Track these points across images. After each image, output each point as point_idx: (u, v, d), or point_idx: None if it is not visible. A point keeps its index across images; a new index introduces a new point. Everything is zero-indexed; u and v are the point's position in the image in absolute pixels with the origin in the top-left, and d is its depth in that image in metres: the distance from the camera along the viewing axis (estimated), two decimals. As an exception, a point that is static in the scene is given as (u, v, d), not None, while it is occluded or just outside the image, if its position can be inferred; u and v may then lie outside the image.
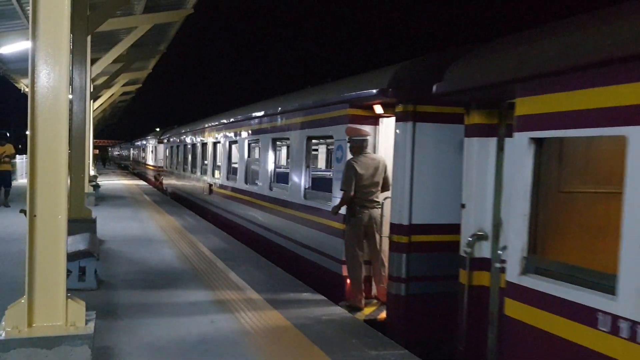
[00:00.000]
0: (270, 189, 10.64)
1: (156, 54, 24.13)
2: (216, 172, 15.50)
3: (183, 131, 21.71)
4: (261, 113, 11.37)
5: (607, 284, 3.53)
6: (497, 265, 4.76)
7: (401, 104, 6.44)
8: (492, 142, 4.99)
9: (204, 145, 17.50)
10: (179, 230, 12.69)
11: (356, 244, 7.03)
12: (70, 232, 4.78)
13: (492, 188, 4.94)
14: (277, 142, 10.78)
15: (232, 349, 5.20)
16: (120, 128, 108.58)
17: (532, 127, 4.21)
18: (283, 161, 15.86)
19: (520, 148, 4.30)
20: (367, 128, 7.28)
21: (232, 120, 13.93)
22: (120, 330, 5.56)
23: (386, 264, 6.92)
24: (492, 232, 4.96)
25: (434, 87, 5.43)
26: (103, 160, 67.77)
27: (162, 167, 28.68)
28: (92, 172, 22.89)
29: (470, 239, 5.02)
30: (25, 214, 4.32)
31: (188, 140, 20.27)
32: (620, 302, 3.38)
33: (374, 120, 7.41)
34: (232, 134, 13.77)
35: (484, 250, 5.01)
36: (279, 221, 10.00)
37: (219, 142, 15.14)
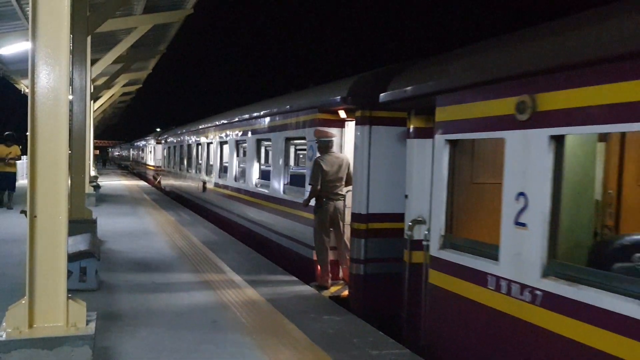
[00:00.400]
0: (255, 185, 11.65)
1: (156, 54, 24.13)
2: (209, 170, 16.52)
3: (179, 132, 22.64)
4: (247, 116, 12.30)
5: (493, 252, 4.61)
6: (425, 243, 5.76)
7: (359, 110, 7.33)
8: (429, 142, 5.89)
9: (198, 145, 18.39)
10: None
11: (323, 231, 8.02)
12: (71, 233, 4.78)
13: (429, 181, 5.85)
14: (261, 143, 11.73)
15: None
16: (120, 129, 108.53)
17: (446, 131, 5.33)
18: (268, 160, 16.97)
19: (439, 148, 5.42)
20: (333, 130, 8.30)
21: (223, 122, 14.66)
22: (121, 330, 5.56)
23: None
24: (429, 217, 5.82)
25: (380, 97, 6.53)
26: (103, 161, 67.64)
27: (160, 166, 29.66)
28: (92, 173, 22.90)
29: (410, 224, 6.05)
30: (26, 215, 4.32)
31: (183, 141, 21.22)
32: (501, 266, 4.50)
33: (341, 123, 8.42)
34: (222, 135, 14.64)
35: (422, 233, 5.93)
36: (263, 214, 11.01)
37: (211, 142, 16.07)
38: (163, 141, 28.18)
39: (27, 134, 4.24)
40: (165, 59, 25.59)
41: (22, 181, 24.83)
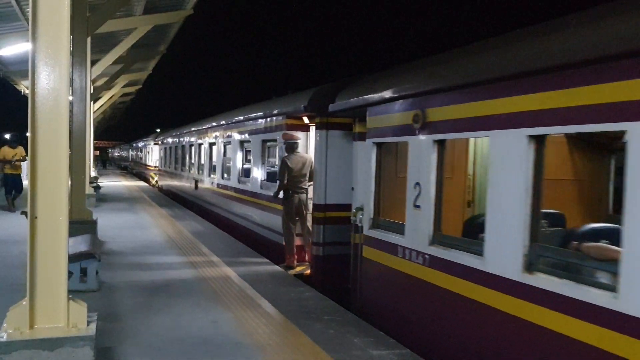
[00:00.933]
0: (239, 181, 13.07)
1: (156, 55, 24.13)
2: (200, 170, 17.92)
3: (174, 134, 23.75)
4: (232, 120, 13.84)
5: (402, 229, 6.14)
6: (360, 225, 7.15)
7: (318, 117, 8.60)
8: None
9: (190, 146, 19.80)
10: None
11: (290, 219, 9.38)
12: (71, 234, 4.78)
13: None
14: (243, 144, 13.07)
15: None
16: (120, 129, 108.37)
17: (374, 136, 6.84)
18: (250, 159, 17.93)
19: (369, 149, 6.92)
20: (299, 134, 9.62)
21: (213, 124, 15.98)
22: (122, 330, 5.56)
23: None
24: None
25: (329, 107, 7.99)
26: (103, 162, 63.89)
27: (157, 166, 31.06)
28: (92, 174, 22.91)
29: (354, 211, 7.30)
30: (27, 216, 4.32)
31: (178, 142, 22.45)
32: (405, 238, 6.04)
33: (306, 127, 9.77)
34: (212, 138, 16.06)
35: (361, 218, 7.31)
36: (245, 207, 12.49)
37: (202, 144, 17.47)
38: (160, 142, 29.28)
39: (28, 134, 4.24)
40: (165, 59, 25.64)
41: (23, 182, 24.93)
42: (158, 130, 40.49)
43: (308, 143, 9.74)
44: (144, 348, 5.12)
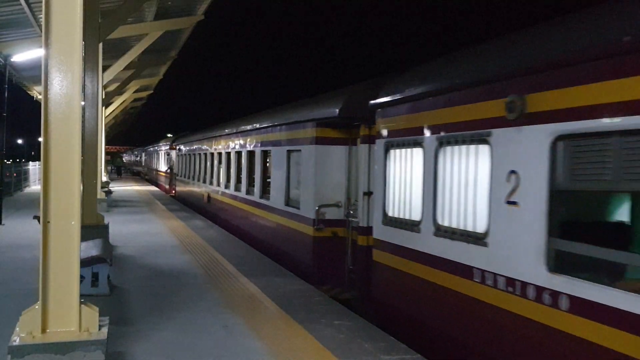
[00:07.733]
0: (159, 166, 36.28)
1: (167, 60, 24.29)
2: (152, 164, 40.27)
3: (146, 148, 48.01)
4: (157, 144, 38.49)
5: (183, 174, 25.15)
6: (177, 177, 28.07)
7: (174, 146, 28.78)
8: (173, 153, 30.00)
9: (149, 154, 44.28)
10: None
11: (171, 179, 29.30)
12: (83, 238, 4.80)
13: (165, 162, 33.95)
14: (157, 152, 37.71)
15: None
16: (132, 134, 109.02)
17: (178, 153, 29.50)
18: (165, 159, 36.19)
19: (177, 155, 29.08)
20: (173, 151, 28.73)
21: (152, 144, 43.84)
22: (133, 334, 5.58)
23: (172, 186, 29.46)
24: (178, 169, 29.13)
25: (174, 144, 29.42)
26: (118, 169, 51.12)
27: (145, 166, 50.55)
28: (104, 179, 23.08)
29: (169, 171, 30.95)
30: (39, 220, 4.35)
31: (145, 153, 48.77)
32: (190, 179, 23.14)
33: (173, 147, 28.77)
34: (153, 150, 41.06)
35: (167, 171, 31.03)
36: (160, 176, 35.78)
37: (153, 153, 40.86)
38: (147, 150, 50.40)
39: (40, 139, 4.27)
40: (176, 64, 25.83)
41: (35, 187, 25.23)
42: (169, 135, 43.01)
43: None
44: (154, 353, 5.14)
